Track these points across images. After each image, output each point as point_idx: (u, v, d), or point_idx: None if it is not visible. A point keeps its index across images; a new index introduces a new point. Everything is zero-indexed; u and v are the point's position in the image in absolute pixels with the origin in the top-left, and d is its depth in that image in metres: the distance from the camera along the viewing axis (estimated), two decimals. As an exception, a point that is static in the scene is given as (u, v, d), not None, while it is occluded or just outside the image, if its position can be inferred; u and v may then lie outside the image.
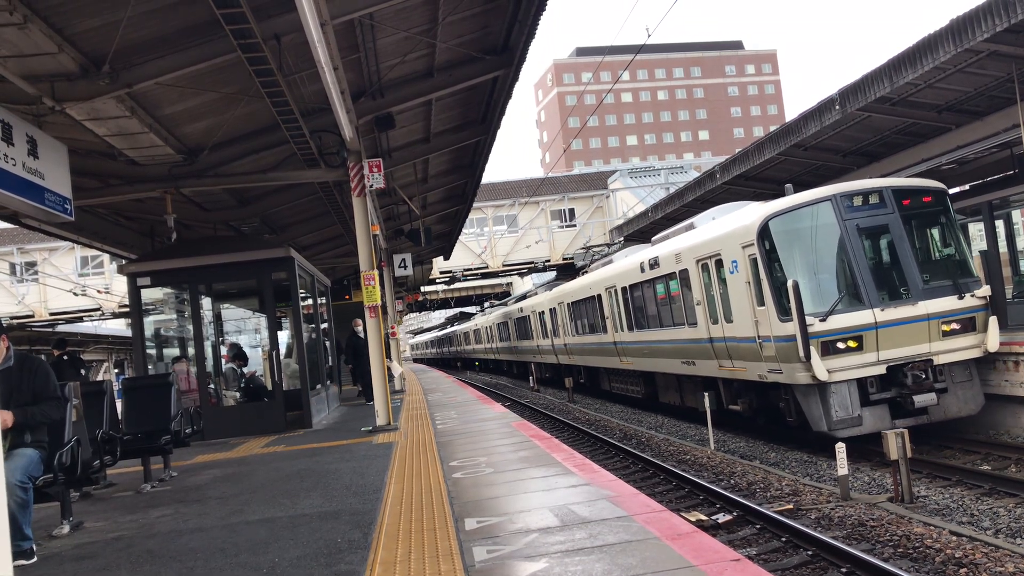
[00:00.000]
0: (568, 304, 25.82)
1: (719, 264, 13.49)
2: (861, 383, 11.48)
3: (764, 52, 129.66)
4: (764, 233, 11.99)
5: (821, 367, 11.15)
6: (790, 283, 11.27)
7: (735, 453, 13.27)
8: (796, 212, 12.02)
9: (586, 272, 24.95)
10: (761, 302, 12.15)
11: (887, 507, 8.70)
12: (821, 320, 11.35)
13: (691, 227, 15.79)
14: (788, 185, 12.91)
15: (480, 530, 5.62)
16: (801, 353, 11.14)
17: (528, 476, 7.52)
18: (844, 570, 6.84)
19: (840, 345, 11.39)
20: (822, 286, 11.83)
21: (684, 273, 15.15)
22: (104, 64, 8.98)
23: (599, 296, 21.63)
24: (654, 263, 16.79)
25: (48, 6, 7.84)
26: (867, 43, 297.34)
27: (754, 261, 12.23)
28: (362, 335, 17.58)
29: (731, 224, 13.19)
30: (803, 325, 11.16)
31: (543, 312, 30.22)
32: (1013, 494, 8.95)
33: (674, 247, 15.71)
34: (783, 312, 11.62)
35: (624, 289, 19.29)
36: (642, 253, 18.34)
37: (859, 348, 11.42)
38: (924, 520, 8.05)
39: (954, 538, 7.31)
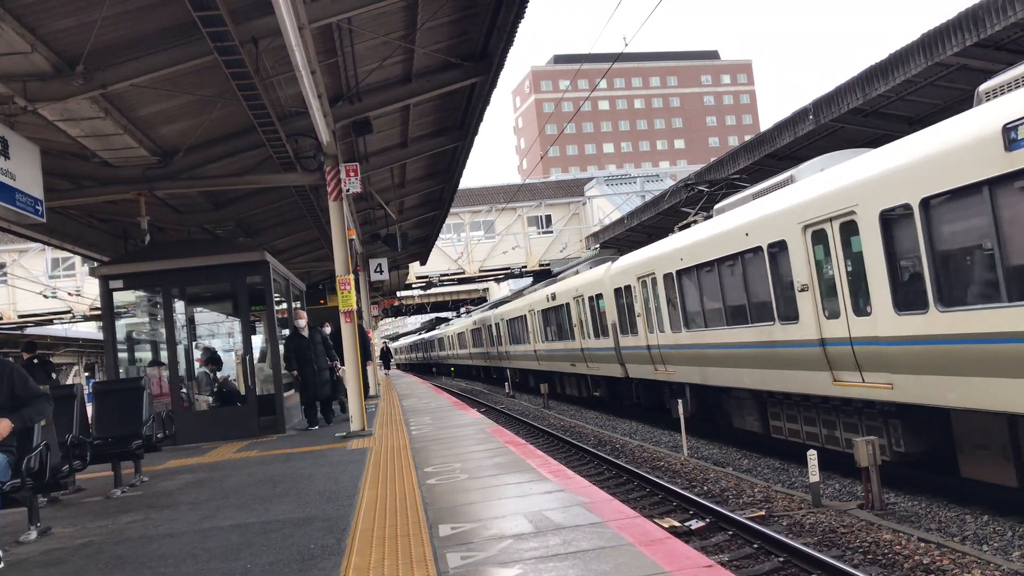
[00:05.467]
0: (665, 277, 14.95)
1: None
2: None
3: (740, 62, 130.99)
4: None
5: None
6: None
7: (708, 460, 13.35)
8: None
9: (695, 224, 14.65)
10: None
11: (857, 514, 8.79)
12: None
13: None
14: None
15: (454, 536, 5.62)
16: None
17: (503, 482, 7.52)
18: (815, 576, 6.92)
19: None
20: None
21: None
22: (78, 64, 8.89)
23: (766, 252, 11.06)
24: None
25: (21, 5, 7.75)
26: (841, 55, 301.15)
27: None
28: (306, 333, 14.31)
29: None
30: None
31: (597, 296, 19.65)
32: (980, 501, 9.07)
33: None
34: None
35: (883, 220, 8.58)
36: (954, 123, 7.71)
37: None
38: (893, 527, 8.14)
39: (922, 544, 7.41)
